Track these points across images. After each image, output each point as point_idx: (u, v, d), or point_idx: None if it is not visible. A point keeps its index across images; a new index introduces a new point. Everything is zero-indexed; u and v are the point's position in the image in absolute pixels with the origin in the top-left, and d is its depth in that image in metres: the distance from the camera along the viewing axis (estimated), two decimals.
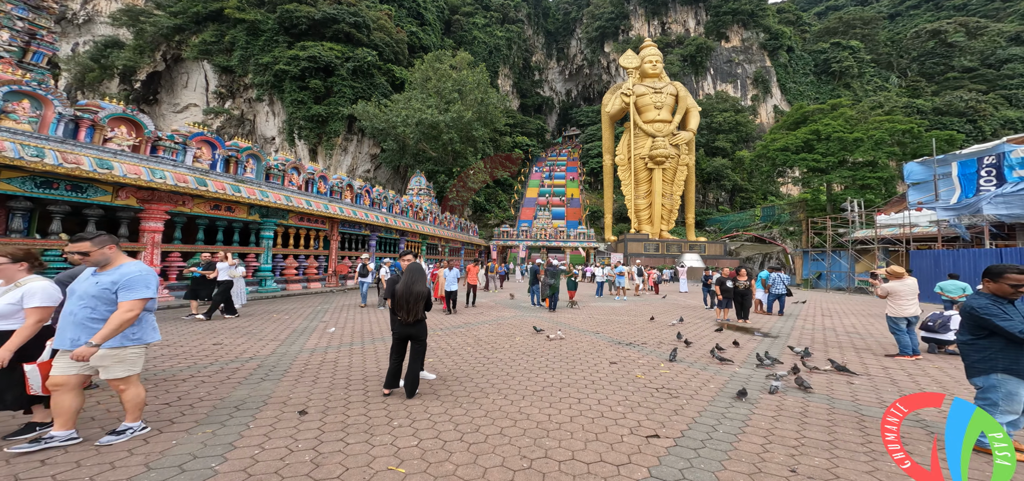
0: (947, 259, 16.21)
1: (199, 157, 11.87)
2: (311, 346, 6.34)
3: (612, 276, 16.78)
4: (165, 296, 10.61)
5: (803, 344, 7.12)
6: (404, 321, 4.06)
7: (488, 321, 9.45)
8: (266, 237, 13.76)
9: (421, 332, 4.16)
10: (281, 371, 4.95)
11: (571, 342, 7.15)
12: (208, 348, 5.94)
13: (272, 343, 6.41)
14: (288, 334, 7.19)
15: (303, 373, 4.90)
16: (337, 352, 6.00)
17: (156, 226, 10.64)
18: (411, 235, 24.93)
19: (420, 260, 9.02)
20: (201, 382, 4.43)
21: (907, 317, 6.19)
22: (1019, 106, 61.71)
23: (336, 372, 4.98)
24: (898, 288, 6.24)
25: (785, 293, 11.29)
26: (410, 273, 4.08)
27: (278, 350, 5.98)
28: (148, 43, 49.84)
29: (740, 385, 4.67)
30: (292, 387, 4.37)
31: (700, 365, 5.59)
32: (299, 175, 15.90)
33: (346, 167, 47.60)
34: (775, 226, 44.80)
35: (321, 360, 5.52)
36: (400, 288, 4.04)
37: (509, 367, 5.39)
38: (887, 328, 9.41)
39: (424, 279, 4.12)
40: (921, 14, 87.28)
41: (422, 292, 4.05)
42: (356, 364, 5.40)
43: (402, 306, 4.02)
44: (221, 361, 5.29)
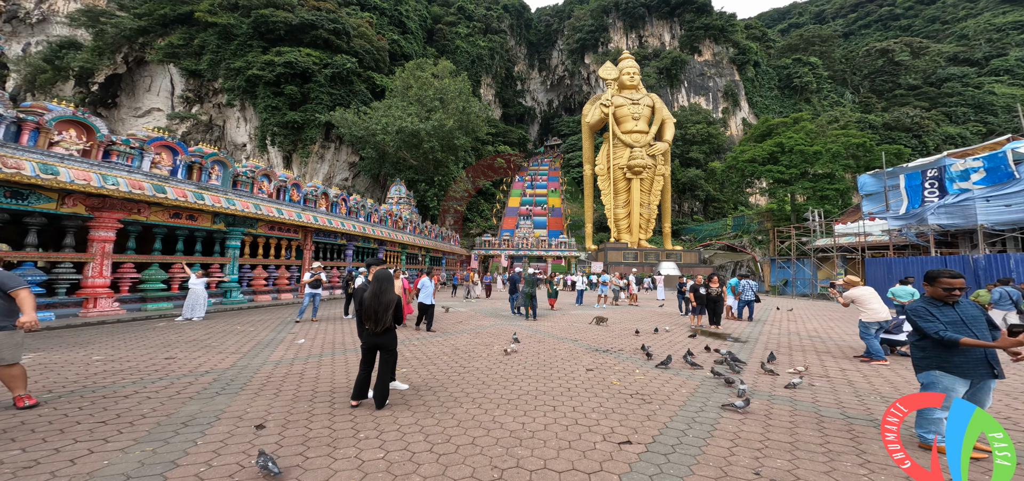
0: (899, 266, 17.28)
1: (158, 163, 11.23)
2: (276, 358, 6.02)
3: (596, 283, 16.92)
4: (116, 309, 9.87)
5: (769, 348, 7.35)
6: (372, 331, 3.90)
7: (467, 330, 9.29)
8: (232, 247, 13.11)
9: (390, 342, 4.02)
10: (240, 385, 4.65)
11: (549, 350, 7.10)
12: (159, 363, 5.52)
13: (233, 356, 6.04)
14: (251, 346, 6.80)
15: (264, 386, 4.62)
16: (304, 364, 5.72)
17: (107, 235, 9.93)
18: (390, 244, 24.41)
19: (392, 268, 8.55)
20: (146, 398, 4.10)
21: (879, 322, 6.28)
22: (958, 122, 67.43)
23: (301, 384, 4.73)
24: (863, 295, 6.32)
25: (754, 299, 11.66)
26: (378, 281, 3.93)
27: (239, 363, 5.64)
28: (108, 45, 47.28)
29: (710, 389, 4.74)
30: (251, 401, 4.10)
31: (673, 370, 5.66)
32: (270, 182, 15.32)
33: (323, 175, 46.35)
34: (745, 235, 46.71)
35: (286, 372, 5.24)
36: (367, 297, 3.89)
37: (485, 376, 5.28)
38: (846, 331, 9.92)
39: (392, 287, 3.99)
40: (871, 33, 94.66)
41: (390, 301, 3.91)
42: (325, 376, 5.15)
43: (370, 316, 3.87)
44: (172, 376, 4.92)
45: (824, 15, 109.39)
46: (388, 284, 3.93)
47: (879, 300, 6.36)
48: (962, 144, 55.33)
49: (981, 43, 79.25)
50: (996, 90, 70.50)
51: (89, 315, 9.39)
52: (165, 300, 11.04)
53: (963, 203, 15.34)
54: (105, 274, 9.92)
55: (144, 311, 10.45)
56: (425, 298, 9.01)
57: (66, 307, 9.33)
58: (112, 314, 9.67)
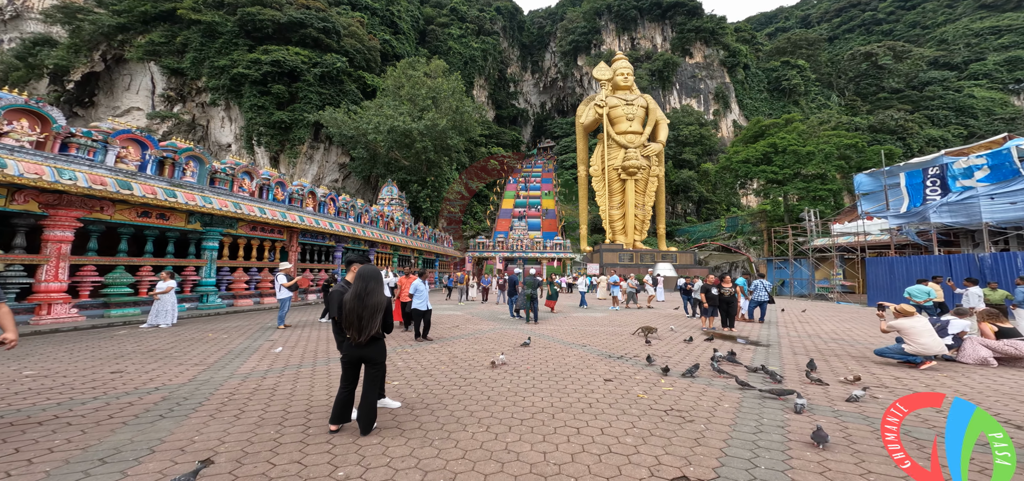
0: (900, 265, 17.00)
1: (125, 157, 10.28)
2: (246, 370, 5.21)
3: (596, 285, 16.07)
4: (73, 315, 8.89)
5: (795, 352, 6.77)
6: (355, 341, 3.16)
7: (465, 335, 8.55)
8: (209, 248, 12.16)
9: (378, 353, 3.28)
10: (194, 404, 3.85)
11: (558, 357, 6.41)
12: (102, 378, 4.67)
13: (194, 368, 5.21)
14: (220, 356, 5.96)
15: (225, 405, 3.83)
16: (278, 377, 4.92)
17: (63, 235, 8.96)
18: (382, 246, 23.51)
19: (384, 266, 7.62)
20: (66, 424, 3.28)
21: (931, 355, 5.59)
22: (940, 125, 68.99)
23: (271, 403, 3.95)
24: (913, 327, 5.53)
25: (767, 300, 11.03)
26: (363, 280, 3.18)
27: (199, 377, 4.82)
28: (85, 42, 45.45)
29: (755, 403, 4.09)
30: (202, 426, 3.32)
31: (704, 380, 5.00)
32: (252, 180, 14.40)
33: (312, 176, 45.07)
34: (739, 236, 46.80)
35: (254, 388, 4.44)
36: (349, 299, 3.14)
37: (490, 389, 4.56)
38: (867, 333, 9.36)
39: (381, 287, 3.25)
40: (855, 37, 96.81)
41: (378, 304, 3.16)
42: (301, 391, 4.37)
43: (352, 322, 3.11)
44: (111, 394, 4.09)
45: (809, 19, 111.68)
46: (375, 283, 3.20)
47: (932, 333, 5.59)
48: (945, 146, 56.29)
49: (960, 47, 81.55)
50: (976, 93, 72.44)
51: (41, 323, 8.41)
52: (131, 306, 10.06)
53: (967, 201, 15.12)
54: (61, 278, 8.93)
55: (107, 318, 9.48)
56: (420, 303, 7.84)
57: (16, 314, 8.33)
58: (69, 321, 8.69)
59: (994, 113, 68.56)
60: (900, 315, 5.68)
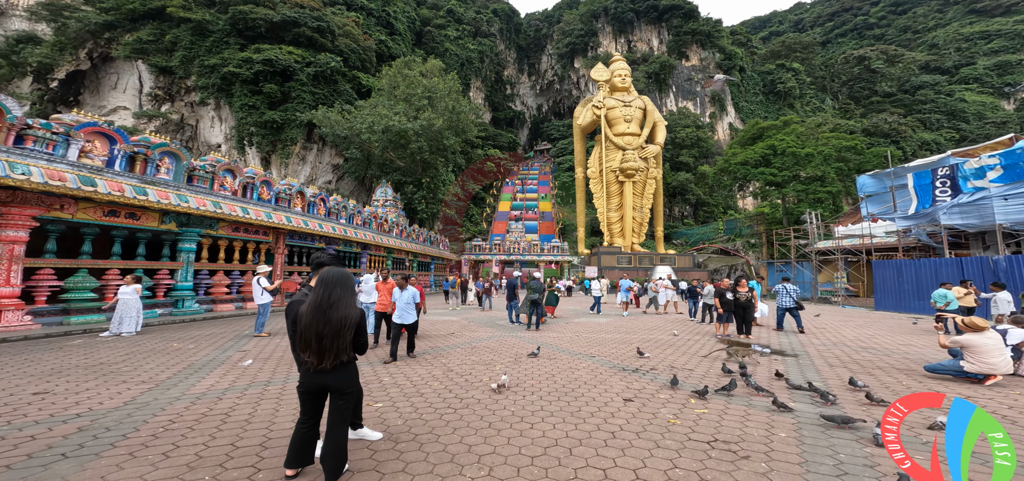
0: (909, 269, 16.50)
1: (90, 152, 9.44)
2: (202, 389, 4.43)
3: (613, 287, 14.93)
4: (26, 323, 8.02)
5: (830, 364, 6.11)
6: (315, 367, 2.41)
7: (461, 344, 7.81)
8: (186, 249, 11.31)
9: (347, 381, 2.52)
10: (114, 438, 3.08)
11: (566, 370, 5.69)
12: (21, 401, 3.86)
13: (139, 386, 4.41)
14: (176, 371, 5.17)
15: (154, 440, 3.06)
16: (238, 397, 4.15)
17: (16, 235, 8.10)
18: (375, 248, 22.69)
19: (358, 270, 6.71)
20: None
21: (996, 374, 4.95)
22: (932, 128, 69.57)
23: (218, 434, 3.19)
24: (982, 345, 4.90)
25: (795, 306, 9.53)
26: (326, 287, 2.43)
27: (141, 398, 4.03)
28: (71, 40, 44.27)
29: (817, 432, 3.40)
30: (110, 471, 2.56)
31: (741, 399, 4.29)
32: (235, 179, 13.57)
33: (305, 178, 44.12)
34: (738, 238, 46.47)
35: (203, 413, 3.67)
36: (306, 311, 2.39)
37: (491, 414, 3.83)
38: (896, 340, 8.63)
39: (351, 296, 2.50)
40: (848, 41, 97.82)
41: (345, 319, 2.41)
42: (261, 417, 3.61)
43: (309, 342, 2.36)
44: (16, 424, 3.29)
45: (803, 23, 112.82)
46: (342, 291, 2.45)
47: (1002, 350, 4.96)
48: (937, 150, 56.75)
49: (950, 52, 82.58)
50: (967, 97, 73.22)
51: None
52: (94, 312, 9.19)
53: (979, 202, 14.65)
54: (13, 282, 8.07)
55: (65, 325, 8.60)
56: (403, 316, 6.21)
57: None
58: (20, 330, 7.82)
59: (985, 117, 69.27)
60: (969, 329, 4.99)
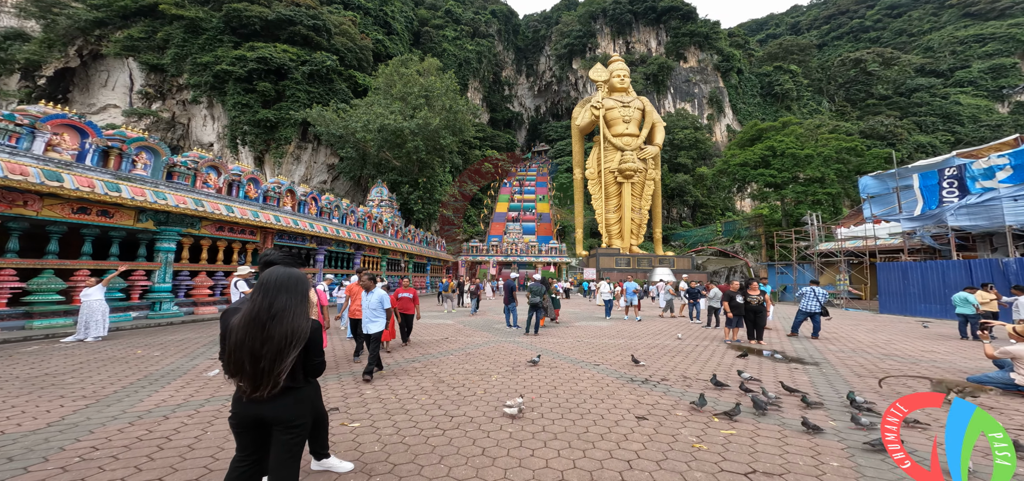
0: (915, 271, 16.09)
1: (57, 145, 8.86)
2: (149, 405, 3.87)
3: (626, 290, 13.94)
4: None
5: (857, 374, 5.62)
6: (248, 395, 1.84)
7: (455, 351, 7.27)
8: (164, 249, 10.70)
9: (295, 412, 1.93)
10: (12, 471, 2.51)
11: (569, 381, 5.16)
12: None
13: (76, 403, 3.84)
14: (129, 383, 4.59)
15: (63, 472, 2.51)
16: (189, 416, 3.59)
17: None
18: (369, 249, 22.10)
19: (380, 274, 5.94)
20: None
21: None
22: (928, 131, 69.82)
23: (147, 465, 2.63)
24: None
25: (820, 312, 8.76)
26: (267, 292, 1.86)
27: (70, 417, 3.47)
28: (60, 36, 43.40)
29: (876, 461, 2.89)
30: None
31: (775, 420, 3.78)
32: (219, 176, 12.98)
33: (299, 177, 43.42)
34: (737, 240, 46.19)
35: (139, 436, 3.12)
36: (239, 324, 1.83)
37: (485, 435, 3.30)
38: (917, 346, 8.12)
39: (300, 304, 1.92)
40: (844, 44, 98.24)
41: (293, 334, 1.84)
42: (209, 442, 3.06)
43: (243, 365, 1.80)
44: None
45: (799, 26, 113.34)
46: (290, 298, 1.87)
47: None
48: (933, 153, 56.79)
49: (945, 55, 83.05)
50: (962, 100, 73.58)
51: None
52: (60, 315, 8.57)
53: (988, 203, 14.31)
54: None
55: (27, 330, 7.99)
56: (367, 324, 5.26)
57: None
58: None
59: (980, 120, 69.60)
60: (1022, 339, 4.51)
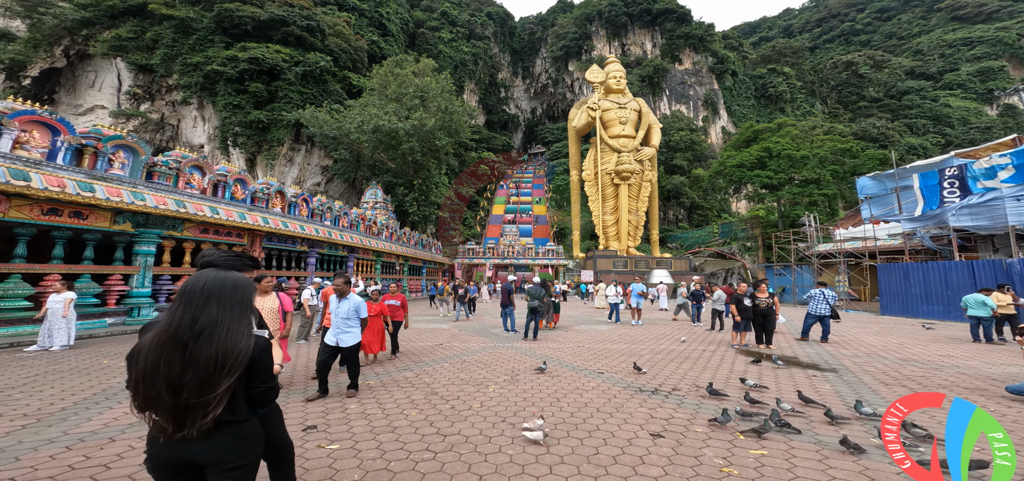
0: (916, 272, 15.93)
1: (26, 143, 8.34)
2: (97, 425, 3.42)
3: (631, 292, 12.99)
4: None
5: (883, 383, 5.28)
6: (169, 435, 1.37)
7: (450, 358, 6.84)
8: (143, 253, 10.17)
9: (233, 453, 1.45)
10: None
11: (573, 391, 4.75)
12: None
13: (15, 422, 3.39)
14: (82, 398, 4.12)
15: None
16: (139, 438, 3.15)
17: None
18: (363, 252, 21.59)
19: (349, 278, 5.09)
20: None
21: None
22: (918, 133, 70.63)
23: None
24: None
25: (829, 314, 8.53)
26: (188, 303, 1.41)
27: (3, 441, 2.99)
28: (46, 36, 42.47)
29: None
30: None
31: (809, 436, 3.41)
32: (204, 176, 12.47)
33: (292, 180, 42.74)
34: (733, 242, 46.16)
35: (73, 463, 2.68)
36: (150, 344, 1.36)
37: (482, 459, 2.89)
38: (935, 350, 7.71)
39: (239, 318, 1.47)
40: (836, 47, 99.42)
41: (227, 355, 1.38)
42: None
43: (158, 396, 1.33)
44: None
45: (792, 29, 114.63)
46: (222, 310, 1.43)
47: None
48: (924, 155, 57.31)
49: (935, 58, 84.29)
50: (951, 103, 74.60)
51: None
52: (26, 323, 8.03)
53: (990, 203, 14.18)
54: None
55: None
56: (339, 336, 4.46)
57: None
58: None
59: (969, 122, 70.57)
60: None
